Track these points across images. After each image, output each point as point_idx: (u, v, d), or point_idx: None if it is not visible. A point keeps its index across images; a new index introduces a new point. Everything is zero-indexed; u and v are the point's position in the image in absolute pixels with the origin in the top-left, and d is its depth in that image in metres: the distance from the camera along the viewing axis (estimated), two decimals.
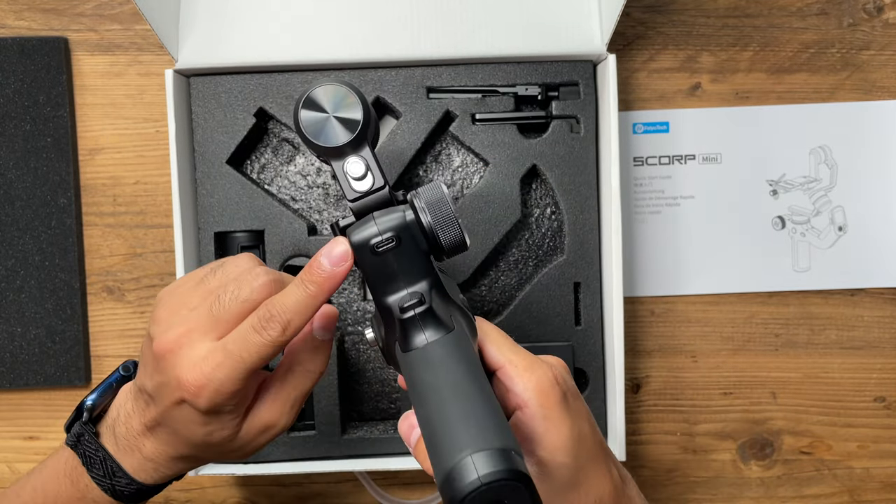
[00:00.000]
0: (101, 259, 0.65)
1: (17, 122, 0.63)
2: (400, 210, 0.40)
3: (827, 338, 0.67)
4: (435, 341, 0.37)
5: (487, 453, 0.30)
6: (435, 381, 0.35)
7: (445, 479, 0.31)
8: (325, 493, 0.67)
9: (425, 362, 0.37)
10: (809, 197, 0.66)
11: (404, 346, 0.38)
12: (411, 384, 0.37)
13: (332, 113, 0.42)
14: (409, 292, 0.39)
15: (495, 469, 0.30)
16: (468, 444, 0.31)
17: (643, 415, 0.67)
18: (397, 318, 0.38)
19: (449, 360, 0.37)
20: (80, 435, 0.43)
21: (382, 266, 0.39)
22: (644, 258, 0.66)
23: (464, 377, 0.35)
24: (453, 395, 0.34)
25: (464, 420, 0.33)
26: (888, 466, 0.68)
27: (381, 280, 0.39)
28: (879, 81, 0.66)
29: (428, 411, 0.34)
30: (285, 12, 0.60)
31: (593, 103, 0.61)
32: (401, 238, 0.39)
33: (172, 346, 0.39)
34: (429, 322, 0.38)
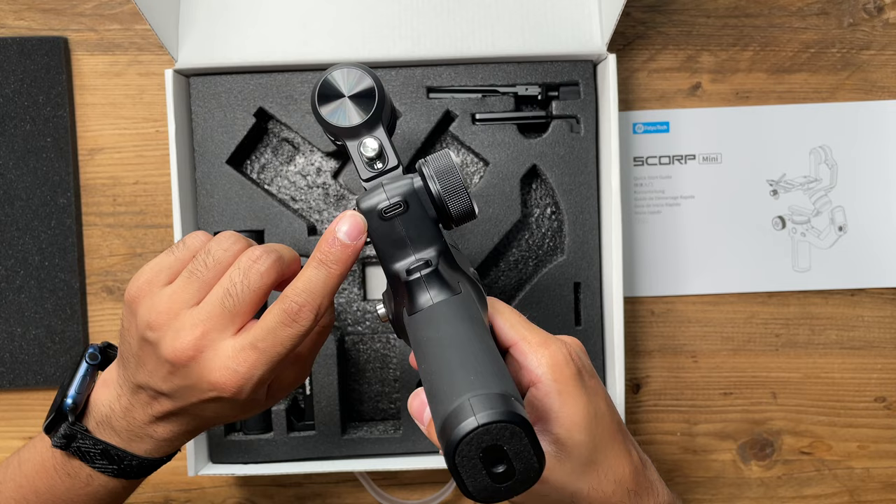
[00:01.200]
0: (101, 259, 0.65)
1: (16, 122, 0.63)
2: (408, 178, 0.40)
3: (827, 338, 0.67)
4: (440, 301, 0.37)
5: (485, 396, 0.30)
6: (437, 336, 0.35)
7: (443, 424, 0.30)
8: (325, 493, 0.67)
9: (430, 320, 0.37)
10: (809, 197, 0.66)
11: (411, 309, 0.38)
12: (416, 344, 0.37)
13: (347, 94, 0.43)
14: (416, 257, 0.39)
15: (493, 411, 0.29)
16: (466, 389, 0.31)
17: (643, 415, 0.67)
18: (404, 282, 0.39)
19: (453, 318, 0.36)
20: (70, 436, 0.42)
21: (391, 232, 0.39)
22: (644, 258, 0.66)
23: (466, 332, 0.35)
24: (454, 346, 0.34)
25: (462, 367, 0.32)
26: (888, 466, 0.68)
27: (390, 246, 0.39)
28: (879, 81, 0.66)
29: (429, 364, 0.34)
30: (285, 12, 0.60)
31: (593, 103, 0.61)
32: (409, 203, 0.39)
33: (192, 353, 0.38)
34: (434, 283, 0.38)
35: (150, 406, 0.41)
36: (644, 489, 0.39)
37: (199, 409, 0.40)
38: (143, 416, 0.41)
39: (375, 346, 0.64)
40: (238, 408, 0.40)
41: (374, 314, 0.64)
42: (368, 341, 0.64)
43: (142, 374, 0.40)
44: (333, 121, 0.42)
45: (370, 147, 0.42)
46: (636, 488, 0.38)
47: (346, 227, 0.38)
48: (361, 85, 0.43)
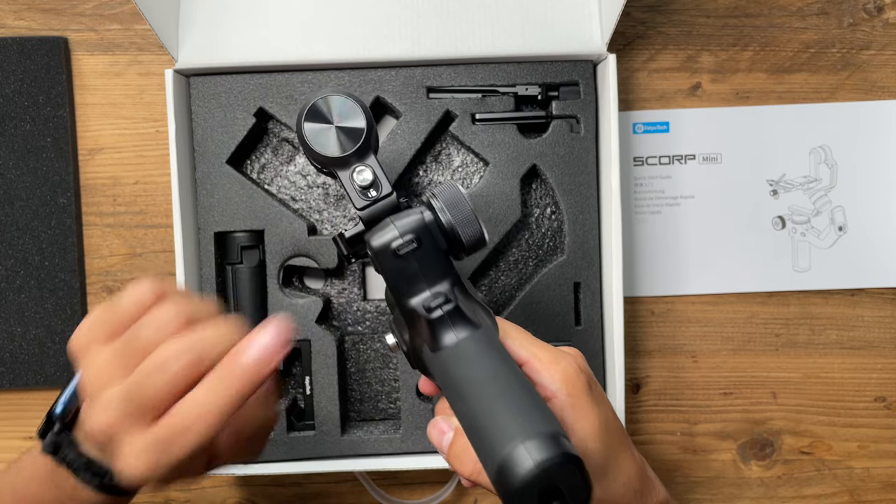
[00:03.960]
0: (101, 259, 0.65)
1: (16, 122, 0.63)
2: (417, 212, 0.40)
3: (827, 338, 0.67)
4: (466, 338, 0.37)
5: (538, 440, 0.31)
6: (472, 376, 0.36)
7: (500, 470, 0.31)
8: (325, 493, 0.67)
9: (459, 359, 0.37)
10: (809, 197, 0.66)
11: (434, 345, 0.38)
12: (446, 382, 0.37)
13: (335, 123, 0.43)
14: (432, 292, 0.39)
15: (549, 454, 0.30)
16: (518, 433, 0.31)
17: (643, 415, 0.67)
18: (425, 319, 0.38)
19: (482, 355, 0.37)
20: (56, 444, 0.41)
21: (404, 268, 0.39)
22: (644, 258, 0.66)
23: (499, 369, 0.36)
24: (493, 387, 0.34)
25: (508, 410, 0.33)
26: (888, 466, 0.68)
27: (404, 283, 0.39)
28: (879, 81, 0.66)
29: (469, 407, 0.34)
30: (285, 12, 0.60)
31: (593, 103, 0.61)
32: (421, 239, 0.39)
33: (104, 437, 0.36)
34: (457, 320, 0.38)
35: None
36: (647, 488, 0.41)
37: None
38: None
39: (375, 346, 0.64)
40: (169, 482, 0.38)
41: (374, 314, 0.64)
42: (368, 341, 0.64)
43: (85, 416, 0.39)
44: (323, 151, 0.42)
45: (364, 177, 0.42)
46: (641, 487, 0.40)
47: (259, 344, 0.35)
48: (348, 112, 0.43)
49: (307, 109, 0.43)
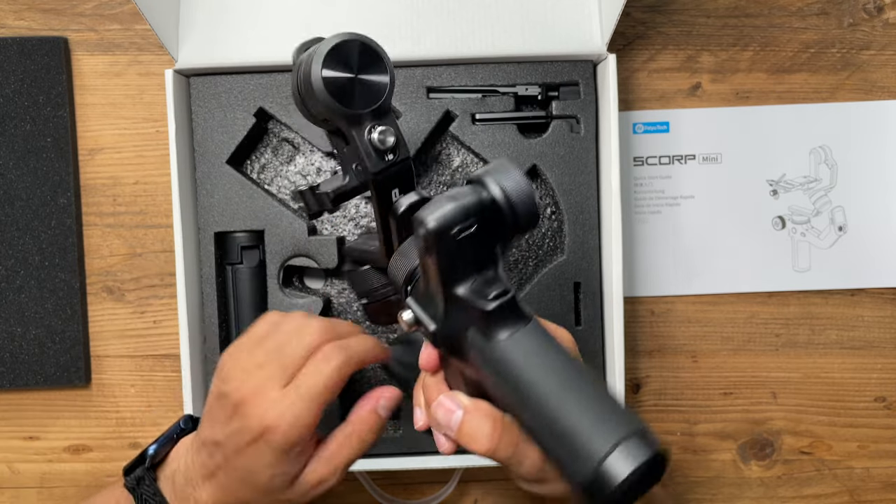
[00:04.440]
0: (101, 259, 0.65)
1: (17, 122, 0.63)
2: (472, 191, 0.35)
3: (827, 338, 0.67)
4: (523, 330, 0.35)
5: (634, 439, 0.31)
6: (537, 373, 0.34)
7: (598, 472, 0.30)
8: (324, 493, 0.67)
9: (519, 353, 0.35)
10: (809, 197, 0.66)
11: (489, 335, 0.35)
12: (504, 374, 0.35)
13: (357, 73, 0.38)
14: (484, 279, 0.35)
15: (647, 453, 0.31)
16: (611, 433, 0.31)
17: (643, 415, 0.67)
18: (479, 309, 0.35)
19: (543, 349, 0.35)
20: (140, 479, 0.46)
21: (458, 253, 0.34)
22: (644, 258, 0.66)
23: (565, 364, 0.34)
24: (567, 385, 0.33)
25: (590, 409, 0.32)
26: (888, 466, 0.68)
27: (453, 268, 0.35)
28: (879, 81, 0.66)
29: (541, 405, 0.33)
30: (285, 13, 0.60)
31: (593, 103, 0.61)
32: (480, 221, 0.34)
33: (249, 396, 0.42)
34: (515, 310, 0.35)
35: (206, 464, 0.44)
36: None
37: (241, 461, 0.43)
38: (197, 474, 0.45)
39: None
40: (272, 461, 0.42)
41: None
42: None
43: (209, 427, 0.44)
44: (343, 104, 0.37)
45: (386, 138, 0.39)
46: None
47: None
48: (372, 62, 0.38)
49: (327, 52, 0.37)
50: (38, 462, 0.66)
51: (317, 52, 0.37)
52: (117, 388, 0.66)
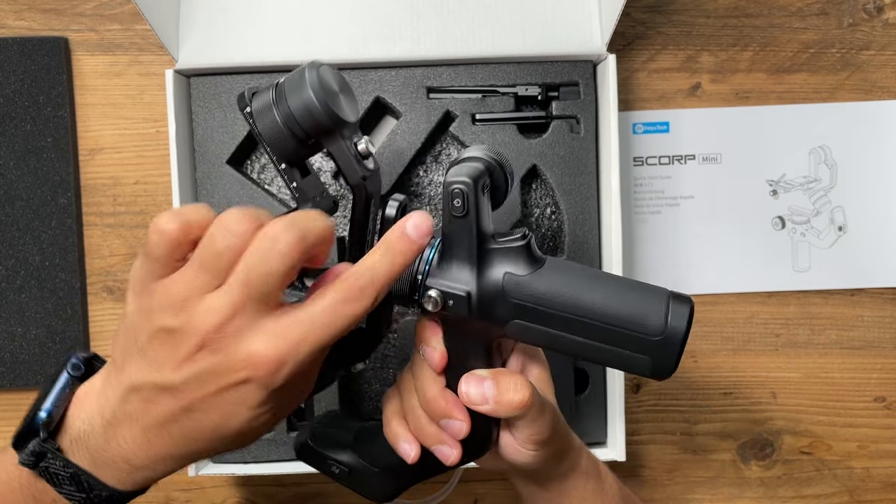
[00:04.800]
0: (101, 259, 0.65)
1: (17, 122, 0.63)
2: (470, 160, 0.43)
3: (827, 338, 0.67)
4: (549, 258, 0.41)
5: (675, 301, 0.39)
6: (584, 282, 0.40)
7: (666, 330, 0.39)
8: (325, 493, 0.67)
9: (564, 264, 0.41)
10: (809, 197, 0.66)
11: (532, 265, 0.40)
12: (554, 295, 0.39)
13: (339, 91, 0.43)
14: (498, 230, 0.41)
15: (688, 304, 0.40)
16: (659, 302, 0.39)
17: (643, 415, 0.67)
18: (515, 248, 0.40)
19: (571, 265, 0.41)
20: (39, 453, 0.37)
21: (484, 207, 0.40)
22: (644, 258, 0.66)
23: (594, 272, 0.41)
24: (606, 284, 0.40)
25: (634, 292, 0.40)
26: (888, 466, 0.68)
27: (483, 222, 0.40)
28: (879, 81, 0.66)
29: (605, 290, 0.39)
30: (285, 13, 0.60)
31: (593, 103, 0.61)
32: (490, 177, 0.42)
33: (225, 326, 0.34)
34: (534, 245, 0.41)
35: (145, 411, 0.36)
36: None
37: (207, 408, 0.36)
38: (128, 429, 0.37)
39: None
40: (259, 401, 0.35)
41: None
42: None
43: (143, 371, 0.36)
44: (335, 109, 0.41)
45: (368, 147, 0.43)
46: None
47: (415, 221, 0.38)
48: (346, 88, 0.44)
49: (319, 68, 0.42)
50: None
51: (304, 74, 0.41)
52: None
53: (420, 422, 0.44)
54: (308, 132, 0.41)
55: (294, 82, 0.41)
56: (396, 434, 0.44)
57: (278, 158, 0.43)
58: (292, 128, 0.41)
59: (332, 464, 0.47)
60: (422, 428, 0.43)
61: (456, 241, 0.40)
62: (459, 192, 0.39)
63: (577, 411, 0.62)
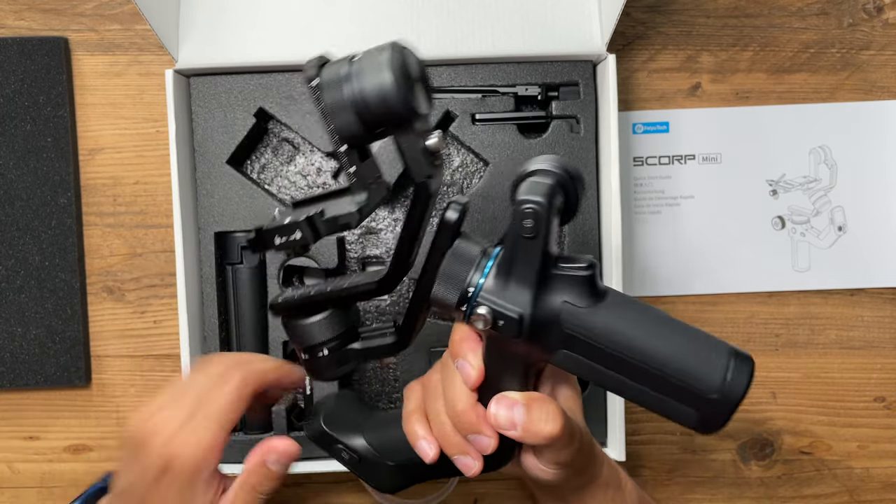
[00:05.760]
0: (101, 259, 0.65)
1: (17, 122, 0.63)
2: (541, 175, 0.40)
3: (827, 338, 0.67)
4: (612, 292, 0.39)
5: (736, 358, 0.38)
6: (645, 324, 0.38)
7: (724, 386, 0.37)
8: (325, 493, 0.67)
9: (626, 302, 0.39)
10: (809, 197, 0.66)
11: (594, 297, 0.38)
12: (613, 334, 0.38)
13: (418, 79, 0.38)
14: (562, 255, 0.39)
15: (749, 363, 0.38)
16: (721, 356, 0.38)
17: (643, 414, 0.67)
18: (580, 276, 0.38)
19: (634, 303, 0.39)
20: None
21: (553, 228, 0.38)
22: (644, 258, 0.66)
23: (657, 313, 0.39)
24: (668, 328, 0.38)
25: (695, 343, 0.38)
26: (888, 466, 0.68)
27: (550, 243, 0.38)
28: (879, 81, 0.66)
29: (659, 350, 0.38)
30: (285, 12, 0.60)
31: (593, 103, 0.61)
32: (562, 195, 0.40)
33: (150, 433, 0.41)
34: (599, 277, 0.39)
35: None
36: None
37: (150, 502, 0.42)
38: None
39: None
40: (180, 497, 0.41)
41: (374, 314, 0.64)
42: None
43: (118, 481, 0.43)
44: (412, 102, 0.37)
45: (442, 143, 0.39)
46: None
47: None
48: (424, 75, 0.39)
49: (402, 54, 0.37)
50: (38, 462, 0.66)
51: (386, 55, 0.37)
52: (117, 388, 0.66)
53: (444, 428, 0.42)
54: (378, 118, 0.37)
55: (373, 61, 0.36)
56: (416, 433, 0.43)
57: (339, 139, 0.38)
58: (361, 111, 0.37)
59: (342, 449, 0.46)
60: (446, 435, 0.42)
61: (519, 261, 0.38)
62: (532, 212, 0.36)
63: None
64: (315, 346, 0.44)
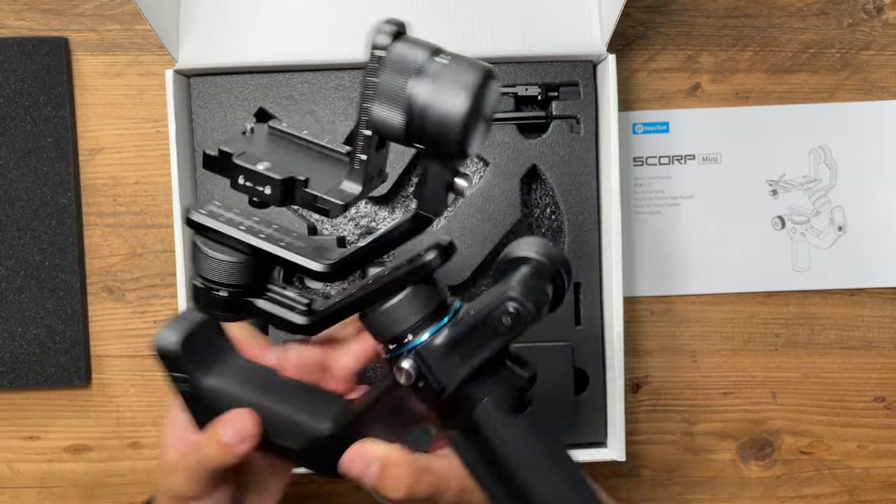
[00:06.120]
0: (102, 259, 0.65)
1: (17, 122, 0.63)
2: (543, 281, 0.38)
3: (827, 338, 0.67)
4: (529, 412, 0.38)
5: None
6: (556, 451, 0.37)
7: None
8: (325, 493, 0.67)
9: (539, 428, 0.37)
10: (809, 197, 0.66)
11: (517, 410, 0.37)
12: (527, 445, 0.37)
13: (485, 119, 0.33)
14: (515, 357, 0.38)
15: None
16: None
17: (643, 415, 0.67)
18: (519, 387, 0.37)
19: (540, 433, 0.37)
20: None
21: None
22: (644, 258, 0.66)
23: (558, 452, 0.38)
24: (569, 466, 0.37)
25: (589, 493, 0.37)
26: (888, 466, 0.68)
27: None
28: (879, 81, 0.66)
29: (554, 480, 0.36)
30: (285, 12, 0.60)
31: (593, 103, 0.61)
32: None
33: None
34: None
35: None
36: None
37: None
38: None
39: None
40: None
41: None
42: None
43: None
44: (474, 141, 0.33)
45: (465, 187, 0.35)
46: None
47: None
48: (493, 112, 0.34)
49: (488, 84, 0.32)
50: (38, 462, 0.66)
51: (471, 77, 0.32)
52: (117, 388, 0.66)
53: None
54: (424, 136, 0.32)
55: (456, 77, 0.32)
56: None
57: (368, 123, 0.34)
58: (411, 118, 0.32)
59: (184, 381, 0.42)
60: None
61: (475, 342, 0.36)
62: (515, 313, 0.34)
63: (577, 411, 0.62)
64: (216, 283, 0.38)
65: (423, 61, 0.32)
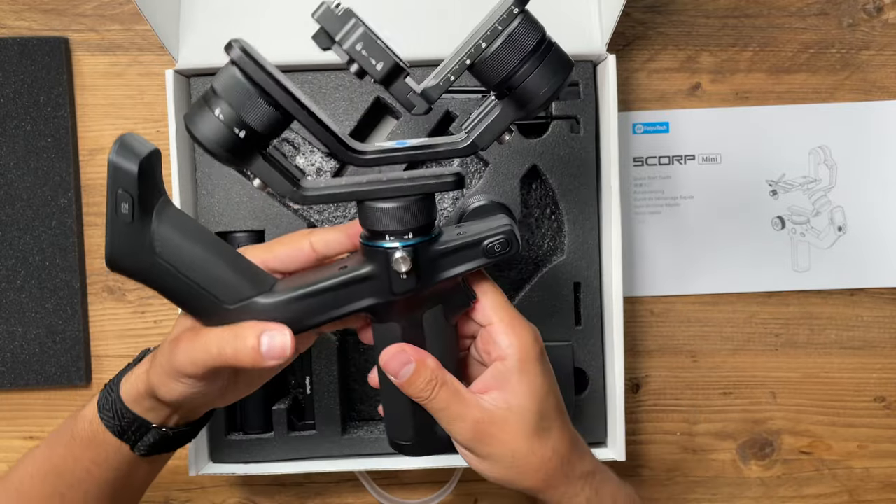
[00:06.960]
0: (102, 259, 0.65)
1: (17, 122, 0.63)
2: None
3: (827, 338, 0.67)
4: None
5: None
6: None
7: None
8: (325, 493, 0.67)
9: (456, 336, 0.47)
10: (809, 197, 0.66)
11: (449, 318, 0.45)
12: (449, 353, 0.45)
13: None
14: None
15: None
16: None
17: (643, 415, 0.67)
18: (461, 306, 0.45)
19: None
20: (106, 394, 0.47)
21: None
22: (644, 258, 0.66)
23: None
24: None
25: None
26: (888, 466, 0.68)
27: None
28: (879, 81, 0.66)
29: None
30: (285, 13, 0.60)
31: (593, 103, 0.61)
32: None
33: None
34: None
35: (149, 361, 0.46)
36: (575, 458, 0.46)
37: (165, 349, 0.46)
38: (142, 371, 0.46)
39: None
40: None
41: None
42: None
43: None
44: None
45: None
46: (569, 456, 0.45)
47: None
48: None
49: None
50: None
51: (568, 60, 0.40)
52: None
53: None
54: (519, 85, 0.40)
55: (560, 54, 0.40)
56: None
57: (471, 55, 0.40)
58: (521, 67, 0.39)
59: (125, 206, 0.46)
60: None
61: (461, 259, 0.43)
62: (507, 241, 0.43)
63: (577, 411, 0.62)
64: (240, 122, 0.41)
65: (545, 33, 0.39)
